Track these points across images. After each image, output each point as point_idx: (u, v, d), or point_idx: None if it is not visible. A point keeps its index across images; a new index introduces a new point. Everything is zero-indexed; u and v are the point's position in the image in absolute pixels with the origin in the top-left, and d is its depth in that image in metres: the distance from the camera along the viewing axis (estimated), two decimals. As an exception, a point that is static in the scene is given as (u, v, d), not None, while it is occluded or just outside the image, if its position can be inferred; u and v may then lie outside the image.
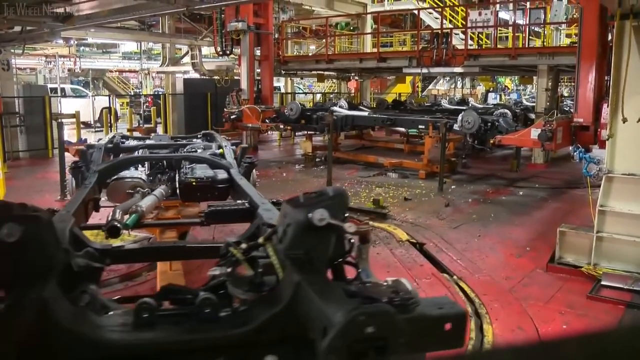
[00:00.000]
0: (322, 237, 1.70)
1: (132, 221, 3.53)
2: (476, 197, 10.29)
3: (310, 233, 1.69)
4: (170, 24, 20.19)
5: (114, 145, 5.84)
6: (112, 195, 4.57)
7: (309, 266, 1.67)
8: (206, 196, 4.65)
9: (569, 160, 7.04)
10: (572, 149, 6.75)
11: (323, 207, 1.68)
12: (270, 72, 16.52)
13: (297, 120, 14.08)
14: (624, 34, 5.75)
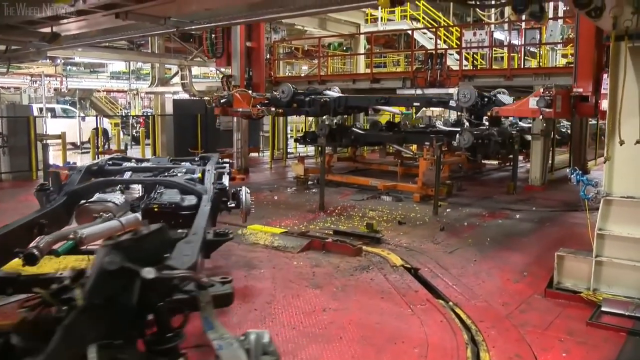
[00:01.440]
0: (120, 282, 1.62)
1: (65, 248, 3.50)
2: (472, 220, 10.27)
3: (108, 278, 1.61)
4: (159, 43, 20.29)
5: (98, 168, 5.80)
6: (79, 218, 4.55)
7: (108, 313, 1.59)
8: (170, 223, 4.57)
9: (567, 182, 7.05)
10: (570, 171, 6.74)
11: (120, 249, 1.61)
12: (262, 60, 16.52)
13: (289, 104, 13.86)
14: (619, 55, 5.81)
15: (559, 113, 8.00)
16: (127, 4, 6.20)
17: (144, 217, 4.60)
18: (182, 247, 3.33)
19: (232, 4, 7.24)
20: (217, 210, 5.15)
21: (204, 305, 1.90)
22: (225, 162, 6.77)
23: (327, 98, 13.06)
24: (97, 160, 6.39)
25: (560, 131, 18.83)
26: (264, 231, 8.77)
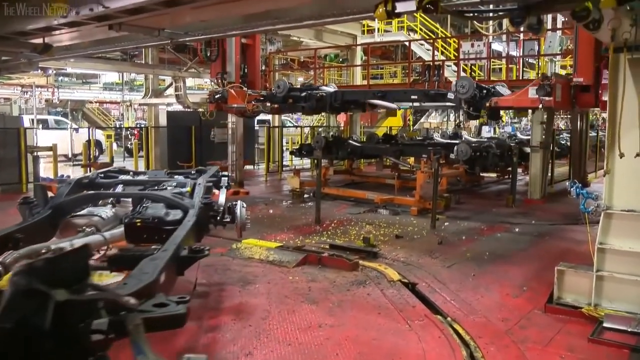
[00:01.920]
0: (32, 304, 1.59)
1: None
2: (470, 234, 10.26)
3: (19, 300, 1.59)
4: (153, 54, 20.35)
5: (89, 181, 5.79)
6: (63, 233, 4.54)
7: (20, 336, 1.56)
8: (153, 238, 4.55)
9: (566, 195, 7.07)
10: (569, 184, 6.76)
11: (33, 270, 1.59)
12: (257, 56, 16.51)
13: (284, 100, 13.79)
14: (618, 67, 5.84)
15: (559, 102, 7.95)
16: (121, 15, 6.21)
17: (126, 232, 4.56)
18: (144, 265, 3.29)
19: (227, 15, 7.26)
20: (204, 226, 5.11)
21: (131, 328, 1.86)
22: (224, 175, 6.75)
23: (323, 93, 13.01)
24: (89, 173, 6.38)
25: (559, 143, 18.89)
26: (259, 245, 8.75)
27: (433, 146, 14.35)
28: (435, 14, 4.94)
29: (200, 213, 4.86)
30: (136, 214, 4.75)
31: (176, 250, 3.82)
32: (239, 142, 16.74)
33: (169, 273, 3.63)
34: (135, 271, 3.14)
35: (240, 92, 14.24)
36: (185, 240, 4.19)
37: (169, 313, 2.55)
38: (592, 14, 4.99)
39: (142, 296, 2.70)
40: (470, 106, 11.12)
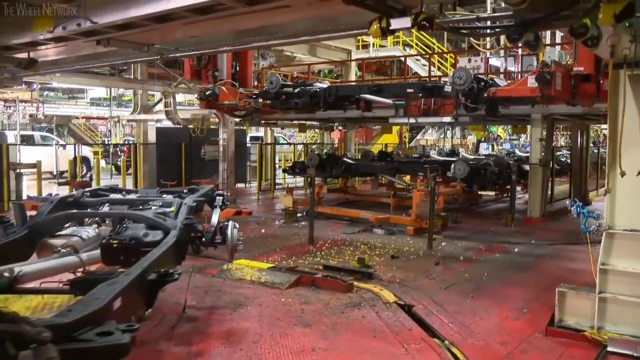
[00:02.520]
0: None
1: None
2: (468, 254, 10.26)
3: None
4: (143, 69, 20.35)
5: (74, 199, 5.76)
6: (40, 253, 4.52)
7: None
8: (130, 260, 4.44)
9: (567, 214, 7.07)
10: (570, 202, 6.77)
11: None
12: (249, 54, 16.45)
13: (277, 96, 13.58)
14: (618, 83, 5.87)
15: (558, 91, 7.91)
16: (109, 31, 6.24)
17: (102, 254, 4.51)
18: (98, 290, 3.22)
19: (219, 31, 7.30)
20: (185, 247, 5.06)
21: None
22: (219, 194, 6.71)
23: (317, 88, 12.98)
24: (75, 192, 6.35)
25: (559, 160, 19.00)
26: (251, 266, 8.72)
27: (430, 164, 14.39)
28: (431, 31, 4.97)
29: (180, 234, 4.80)
30: (114, 234, 4.71)
31: (142, 273, 3.74)
32: (230, 160, 16.73)
33: (133, 298, 3.57)
34: (86, 297, 3.07)
35: (231, 90, 14.16)
36: (160, 262, 4.13)
37: (109, 343, 2.50)
38: (590, 31, 5.03)
39: (87, 324, 2.66)
40: (468, 98, 11.07)
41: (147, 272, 3.88)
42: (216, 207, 6.38)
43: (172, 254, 4.61)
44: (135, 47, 7.77)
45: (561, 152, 21.63)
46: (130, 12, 5.38)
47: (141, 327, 5.58)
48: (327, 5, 4.95)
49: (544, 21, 4.87)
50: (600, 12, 4.41)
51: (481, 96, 10.79)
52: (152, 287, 3.94)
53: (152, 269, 3.96)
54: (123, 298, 3.31)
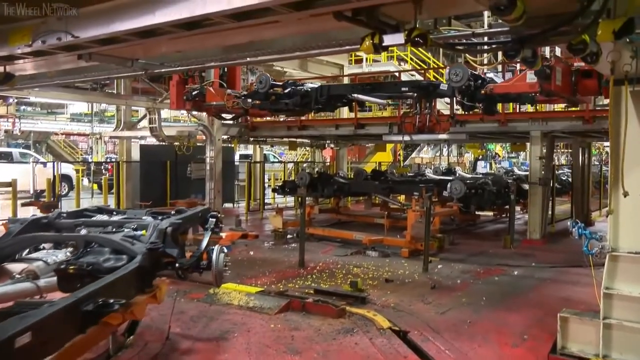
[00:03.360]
0: None
1: None
2: (466, 277, 10.26)
3: None
4: (126, 84, 20.33)
5: (48, 221, 5.71)
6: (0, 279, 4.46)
7: None
8: None
9: (568, 235, 7.09)
10: (571, 223, 6.79)
11: None
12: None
13: (267, 96, 13.38)
14: (620, 100, 5.90)
15: (558, 86, 7.92)
16: (92, 45, 6.24)
17: (58, 280, 4.43)
18: (6, 325, 3.14)
19: (206, 46, 7.33)
20: (151, 274, 4.96)
21: None
22: (212, 215, 6.65)
23: (308, 88, 12.93)
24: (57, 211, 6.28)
25: (560, 179, 19.10)
26: (238, 290, 8.69)
27: (425, 183, 14.43)
28: (425, 47, 5.02)
29: (144, 260, 4.69)
30: (72, 259, 4.65)
31: (72, 305, 3.63)
32: (217, 179, 16.75)
33: (56, 333, 3.48)
34: None
35: (219, 91, 14.05)
36: (112, 291, 4.02)
37: None
38: (589, 47, 5.08)
39: None
40: (465, 96, 11.07)
41: (82, 302, 3.74)
42: (207, 229, 6.31)
43: (132, 281, 4.52)
44: (118, 61, 7.77)
45: (562, 171, 21.76)
46: (113, 27, 5.39)
47: (122, 356, 5.58)
48: (318, 20, 4.98)
49: (541, 37, 4.91)
50: (599, 28, 4.46)
51: (478, 94, 10.81)
52: (88, 319, 3.81)
53: (93, 298, 3.82)
54: (38, 333, 3.20)
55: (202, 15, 4.70)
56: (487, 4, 4.06)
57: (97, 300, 3.85)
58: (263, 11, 4.58)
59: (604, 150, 35.54)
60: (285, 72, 20.71)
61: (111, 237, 5.05)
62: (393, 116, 17.49)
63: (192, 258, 5.39)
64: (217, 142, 17.19)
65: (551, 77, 7.75)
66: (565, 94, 8.31)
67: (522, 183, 15.61)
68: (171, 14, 4.83)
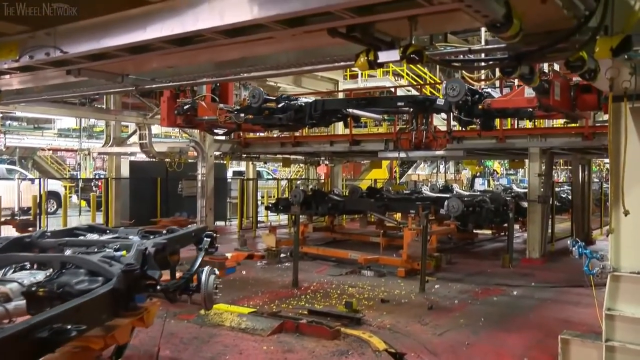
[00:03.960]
0: None
1: None
2: (464, 297, 10.26)
3: None
4: (116, 99, 20.37)
5: (31, 240, 5.66)
6: None
7: None
8: None
9: (568, 254, 7.09)
10: (571, 242, 6.80)
11: None
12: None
13: (260, 111, 13.36)
14: (619, 116, 5.94)
15: (557, 101, 7.96)
16: (81, 61, 6.26)
17: (27, 303, 4.36)
18: None
19: (198, 62, 7.36)
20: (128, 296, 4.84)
21: None
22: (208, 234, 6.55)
23: (302, 103, 12.93)
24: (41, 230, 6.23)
25: (560, 196, 19.16)
26: (230, 311, 8.66)
27: (421, 201, 14.48)
28: (421, 64, 5.06)
29: (118, 282, 4.54)
30: (44, 281, 4.60)
31: (23, 331, 3.47)
32: (209, 196, 16.77)
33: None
34: None
35: (211, 105, 14.03)
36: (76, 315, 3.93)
37: None
38: (587, 64, 5.13)
39: None
40: (462, 111, 11.08)
41: (37, 328, 3.57)
42: (201, 249, 6.19)
43: (103, 305, 4.40)
44: (108, 77, 7.77)
45: (562, 188, 21.84)
46: (103, 42, 5.40)
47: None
48: (312, 36, 5.02)
49: (538, 54, 4.96)
50: (597, 45, 4.51)
51: (476, 109, 10.85)
52: (43, 346, 3.65)
53: (51, 323, 3.65)
54: None
55: (194, 32, 4.73)
56: (483, 21, 4.10)
57: (53, 327, 3.65)
58: (256, 27, 4.62)
59: (605, 167, 35.70)
60: (279, 87, 20.81)
61: (88, 257, 4.96)
62: (389, 132, 17.59)
63: (180, 279, 5.32)
64: (209, 158, 17.23)
65: (549, 92, 7.79)
66: (564, 109, 8.36)
67: (521, 201, 15.67)
68: (163, 29, 4.85)
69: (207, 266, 5.48)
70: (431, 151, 13.79)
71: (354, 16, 4.14)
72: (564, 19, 4.51)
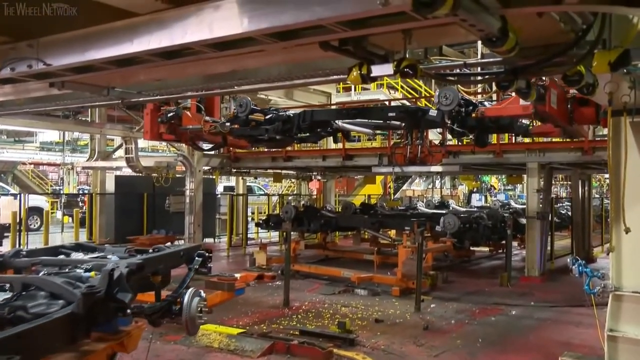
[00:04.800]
0: None
1: None
2: (460, 317, 10.27)
3: None
4: (101, 111, 20.32)
5: (4, 259, 5.59)
6: None
7: None
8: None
9: (568, 273, 7.11)
10: (571, 260, 6.82)
11: None
12: None
13: (246, 122, 13.18)
14: (619, 131, 5.98)
15: (554, 109, 7.97)
16: (65, 73, 6.26)
17: None
18: None
19: (186, 74, 7.38)
20: (90, 321, 4.72)
21: None
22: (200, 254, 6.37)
23: (291, 114, 12.86)
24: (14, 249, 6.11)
25: (559, 213, 19.22)
26: (219, 331, 8.63)
27: (417, 217, 14.51)
28: (415, 78, 5.10)
29: (79, 306, 4.33)
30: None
31: None
32: (197, 212, 16.71)
33: None
34: None
35: (196, 116, 13.94)
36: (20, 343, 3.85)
37: None
38: (585, 78, 5.17)
39: None
40: (455, 122, 11.06)
41: None
42: (190, 269, 5.91)
43: (56, 331, 4.20)
44: (93, 90, 7.77)
45: (561, 204, 21.91)
46: (89, 55, 5.40)
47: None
48: (304, 49, 5.04)
49: (535, 68, 5.00)
50: (595, 59, 4.55)
51: (469, 120, 10.86)
52: None
53: None
54: None
55: (182, 45, 4.75)
56: (479, 35, 4.14)
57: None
58: (246, 41, 4.63)
59: (605, 183, 35.87)
60: (270, 100, 20.84)
61: (50, 279, 4.86)
62: (383, 147, 17.65)
63: (163, 302, 5.21)
64: (198, 173, 17.19)
65: (545, 98, 7.79)
66: (560, 119, 8.39)
67: (519, 217, 15.70)
68: (150, 42, 4.86)
69: (191, 288, 5.35)
70: (426, 166, 13.81)
71: (347, 30, 4.16)
72: (561, 33, 4.56)
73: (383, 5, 3.50)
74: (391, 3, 3.48)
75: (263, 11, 4.16)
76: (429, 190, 35.75)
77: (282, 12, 4.06)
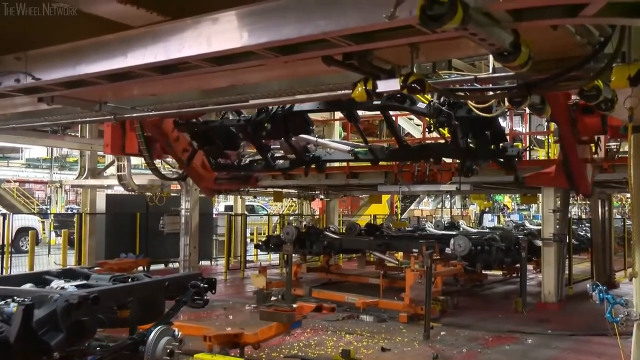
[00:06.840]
0: None
1: None
2: (472, 346, 10.23)
3: None
4: (92, 126, 20.35)
5: None
6: None
7: None
8: None
9: (588, 299, 7.05)
10: (591, 286, 6.76)
11: None
12: None
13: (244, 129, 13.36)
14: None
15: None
16: (55, 88, 6.30)
17: None
18: None
19: (183, 89, 7.41)
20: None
21: None
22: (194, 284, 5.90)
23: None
24: None
25: (578, 235, 19.14)
26: (215, 361, 8.62)
27: (425, 239, 14.49)
28: (423, 94, 5.14)
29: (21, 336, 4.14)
30: None
31: None
32: (193, 233, 16.71)
33: None
34: None
35: None
36: None
37: None
38: (603, 93, 5.19)
39: None
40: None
41: None
42: (179, 301, 5.70)
43: None
44: (84, 105, 7.78)
45: (580, 225, 21.83)
46: (80, 69, 5.43)
47: None
48: (306, 64, 5.09)
49: (550, 82, 5.02)
50: (613, 74, 4.56)
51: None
52: None
53: None
54: None
55: (178, 59, 4.79)
56: (489, 50, 4.17)
57: None
58: (246, 55, 4.67)
59: (627, 202, 35.79)
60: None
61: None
62: (389, 164, 17.67)
63: (124, 342, 4.93)
64: (194, 192, 17.22)
65: None
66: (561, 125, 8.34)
67: (534, 239, 15.64)
68: (145, 56, 4.90)
69: (160, 325, 5.08)
70: (435, 185, 13.83)
71: (351, 44, 4.20)
72: (577, 46, 4.59)
73: (389, 19, 3.53)
74: (398, 17, 3.51)
75: (264, 24, 4.18)
76: (438, 210, 35.76)
77: (283, 25, 4.08)
